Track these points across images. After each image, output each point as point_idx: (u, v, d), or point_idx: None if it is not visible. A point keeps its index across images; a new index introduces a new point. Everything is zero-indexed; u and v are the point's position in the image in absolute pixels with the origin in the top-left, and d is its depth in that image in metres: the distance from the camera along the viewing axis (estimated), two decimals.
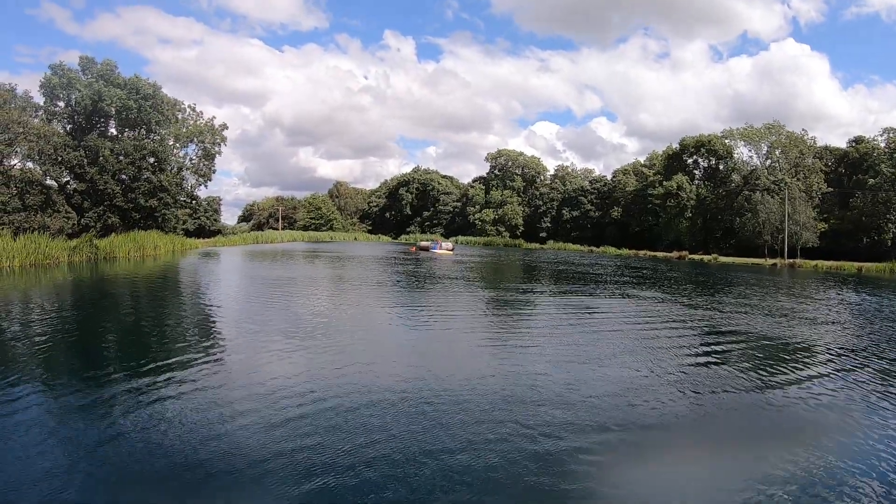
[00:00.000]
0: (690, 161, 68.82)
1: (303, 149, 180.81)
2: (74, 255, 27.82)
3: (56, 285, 18.63)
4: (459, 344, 10.19)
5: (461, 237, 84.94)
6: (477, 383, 7.19)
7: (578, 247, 73.76)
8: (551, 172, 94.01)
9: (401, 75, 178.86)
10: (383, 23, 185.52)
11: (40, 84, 38.36)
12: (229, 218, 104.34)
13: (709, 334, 11.58)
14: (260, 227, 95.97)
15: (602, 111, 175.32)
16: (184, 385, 6.77)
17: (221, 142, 50.66)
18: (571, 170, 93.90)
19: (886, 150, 57.14)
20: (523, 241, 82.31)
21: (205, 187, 53.06)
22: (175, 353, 8.54)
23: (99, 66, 40.34)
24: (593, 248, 70.36)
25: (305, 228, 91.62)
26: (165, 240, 38.86)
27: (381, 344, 10.08)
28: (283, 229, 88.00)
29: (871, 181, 55.43)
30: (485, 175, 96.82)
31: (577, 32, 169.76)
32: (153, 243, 36.17)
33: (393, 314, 13.64)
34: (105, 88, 38.82)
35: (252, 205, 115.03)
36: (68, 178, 39.94)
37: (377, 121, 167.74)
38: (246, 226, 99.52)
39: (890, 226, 54.11)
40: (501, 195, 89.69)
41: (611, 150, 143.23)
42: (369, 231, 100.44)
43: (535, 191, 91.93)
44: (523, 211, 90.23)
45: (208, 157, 50.07)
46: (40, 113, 38.89)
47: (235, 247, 53.48)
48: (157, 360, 7.98)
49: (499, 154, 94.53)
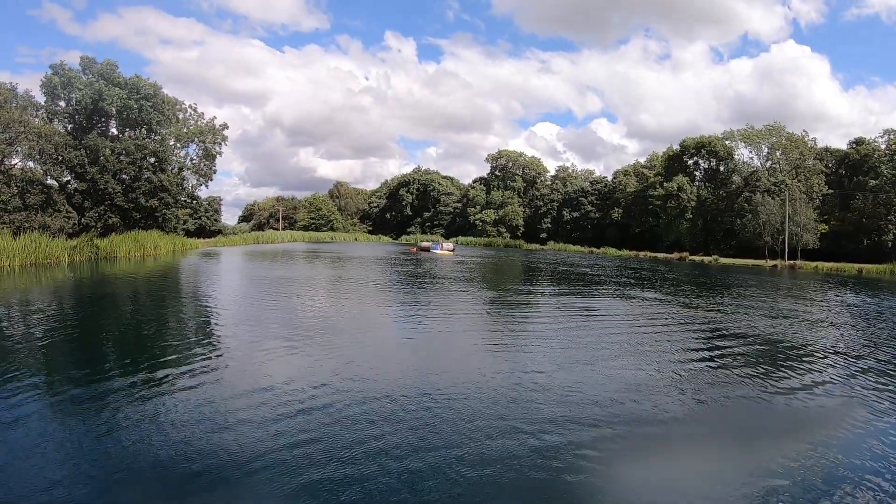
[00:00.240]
0: (691, 162, 68.87)
1: (303, 149, 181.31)
2: (75, 255, 27.84)
3: (56, 285, 18.62)
4: (460, 344, 10.19)
5: (462, 238, 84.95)
6: (477, 383, 7.18)
7: (579, 248, 73.86)
8: (552, 173, 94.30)
9: (401, 76, 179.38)
10: (384, 24, 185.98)
11: (41, 83, 38.34)
12: (230, 218, 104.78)
13: (709, 335, 11.58)
14: (260, 227, 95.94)
15: (602, 112, 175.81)
16: (184, 385, 6.77)
17: (222, 142, 50.73)
18: (572, 171, 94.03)
19: (887, 151, 57.12)
20: (524, 241, 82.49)
21: (205, 187, 53.26)
22: (175, 352, 8.54)
23: (100, 65, 40.33)
24: (594, 249, 70.44)
25: (306, 229, 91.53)
26: (166, 240, 38.88)
27: (382, 344, 10.08)
28: (283, 229, 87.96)
29: (871, 183, 55.45)
30: (485, 176, 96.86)
31: (577, 33, 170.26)
32: (153, 243, 36.23)
33: (393, 315, 13.64)
34: (106, 88, 38.81)
35: (252, 205, 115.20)
36: (69, 178, 39.89)
37: (378, 121, 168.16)
38: (246, 226, 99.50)
39: (890, 227, 54.11)
40: (502, 196, 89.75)
41: (611, 151, 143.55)
42: (370, 231, 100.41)
43: (535, 192, 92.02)
44: (524, 212, 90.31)
45: (209, 157, 50.13)
46: (41, 112, 38.82)
47: (236, 247, 53.50)
48: (157, 360, 7.99)
49: (499, 155, 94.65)
